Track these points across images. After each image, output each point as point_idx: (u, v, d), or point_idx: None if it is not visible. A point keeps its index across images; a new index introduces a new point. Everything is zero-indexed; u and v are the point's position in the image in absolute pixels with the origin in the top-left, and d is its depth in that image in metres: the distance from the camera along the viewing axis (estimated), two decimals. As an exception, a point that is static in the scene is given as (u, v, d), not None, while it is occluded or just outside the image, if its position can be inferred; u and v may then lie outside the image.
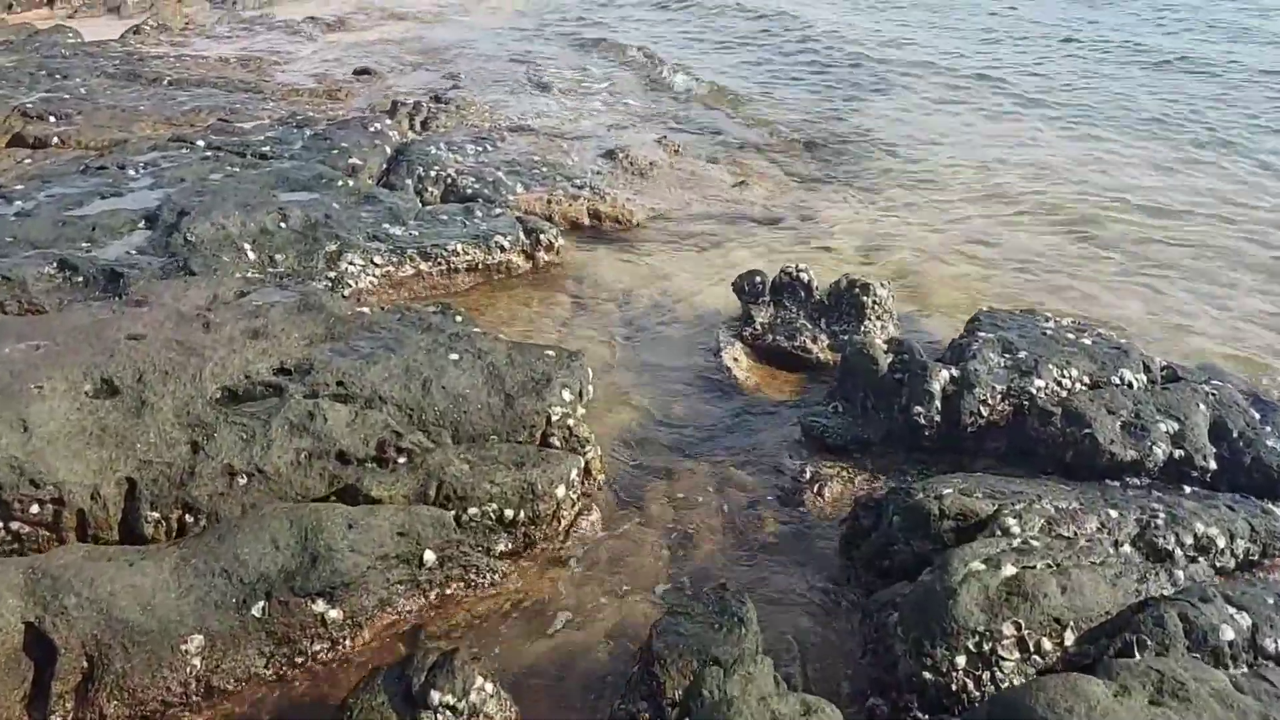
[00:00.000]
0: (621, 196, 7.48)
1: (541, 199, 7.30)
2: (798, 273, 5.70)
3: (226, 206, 5.99)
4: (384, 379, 4.33)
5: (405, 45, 12.30)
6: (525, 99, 10.02)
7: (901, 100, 10.36)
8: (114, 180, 6.50)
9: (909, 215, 7.58)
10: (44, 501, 3.72)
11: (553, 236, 6.61)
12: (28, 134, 7.84)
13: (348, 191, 6.71)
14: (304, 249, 5.97)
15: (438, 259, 6.22)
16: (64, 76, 9.30)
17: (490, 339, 4.79)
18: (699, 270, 6.74)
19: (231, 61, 10.92)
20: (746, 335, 5.52)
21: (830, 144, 9.02)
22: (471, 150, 7.98)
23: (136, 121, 8.41)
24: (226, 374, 4.25)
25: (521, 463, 4.04)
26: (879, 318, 5.51)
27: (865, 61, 11.56)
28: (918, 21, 13.62)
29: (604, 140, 8.77)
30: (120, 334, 4.39)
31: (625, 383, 5.21)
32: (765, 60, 11.67)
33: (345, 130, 7.95)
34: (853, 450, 4.56)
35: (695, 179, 8.07)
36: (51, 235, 5.66)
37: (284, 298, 4.92)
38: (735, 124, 9.55)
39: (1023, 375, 4.56)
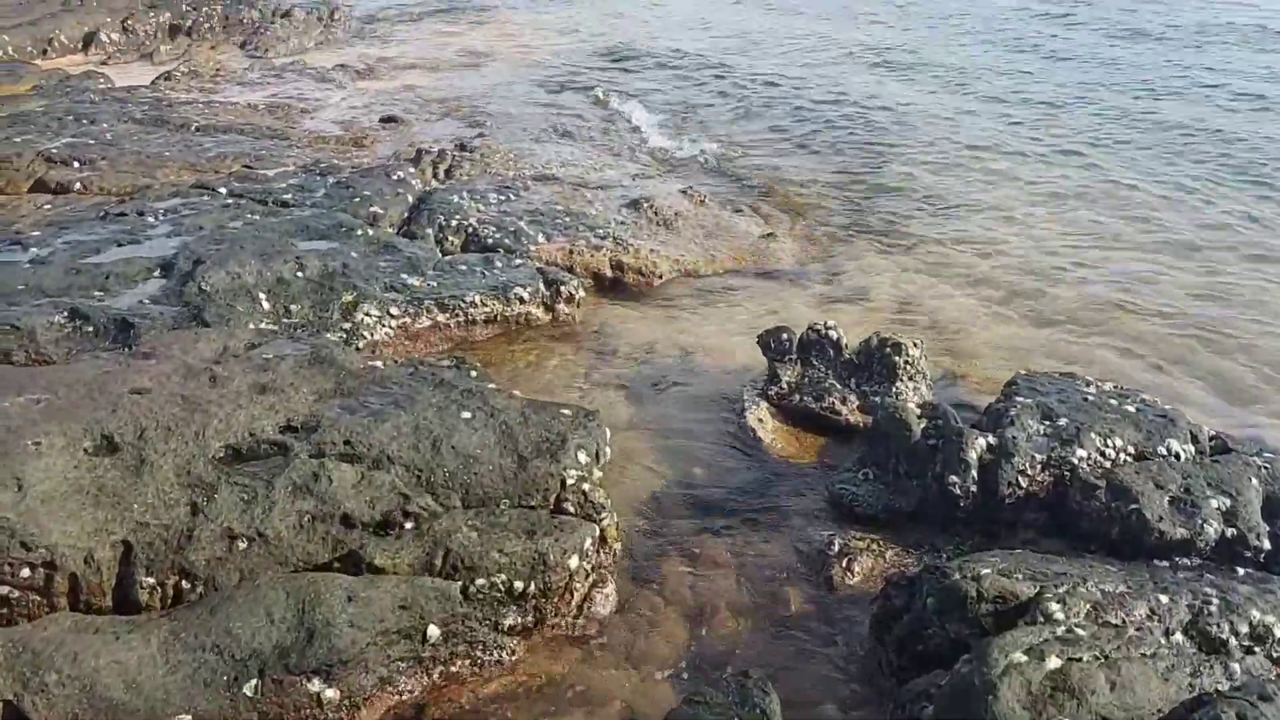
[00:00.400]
0: (645, 247, 7.33)
1: (563, 249, 7.16)
2: (826, 330, 5.51)
3: (243, 255, 5.89)
4: (392, 438, 4.16)
5: (433, 94, 12.30)
6: (550, 147, 9.95)
7: (935, 152, 10.18)
8: (132, 227, 6.43)
9: (943, 270, 7.37)
10: (35, 565, 3.55)
11: (573, 288, 6.46)
12: (50, 179, 7.81)
13: (367, 241, 6.60)
14: (320, 299, 5.85)
15: (455, 310, 6.08)
16: (91, 122, 9.31)
17: (504, 396, 4.62)
18: (724, 325, 6.57)
19: (260, 108, 10.94)
20: (772, 395, 5.32)
21: (861, 197, 8.86)
22: (494, 199, 7.88)
23: (161, 167, 8.38)
24: (230, 431, 4.10)
25: (533, 530, 3.84)
26: (911, 378, 5.30)
27: (896, 116, 11.41)
28: (948, 76, 13.49)
29: (628, 190, 8.66)
30: (124, 388, 4.25)
31: (645, 443, 5.02)
32: (794, 113, 11.55)
33: (368, 178, 7.87)
34: (884, 520, 4.34)
35: (721, 230, 7.92)
36: (65, 283, 5.56)
37: (295, 350, 4.77)
38: (762, 175, 9.41)
39: (1064, 444, 4.34)
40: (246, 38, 15.21)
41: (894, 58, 14.49)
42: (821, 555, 4.11)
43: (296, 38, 15.33)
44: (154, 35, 15.03)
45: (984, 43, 15.46)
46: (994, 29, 16.51)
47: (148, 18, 15.25)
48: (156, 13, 15.52)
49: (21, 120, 9.22)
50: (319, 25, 16.35)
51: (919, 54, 14.64)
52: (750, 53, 14.76)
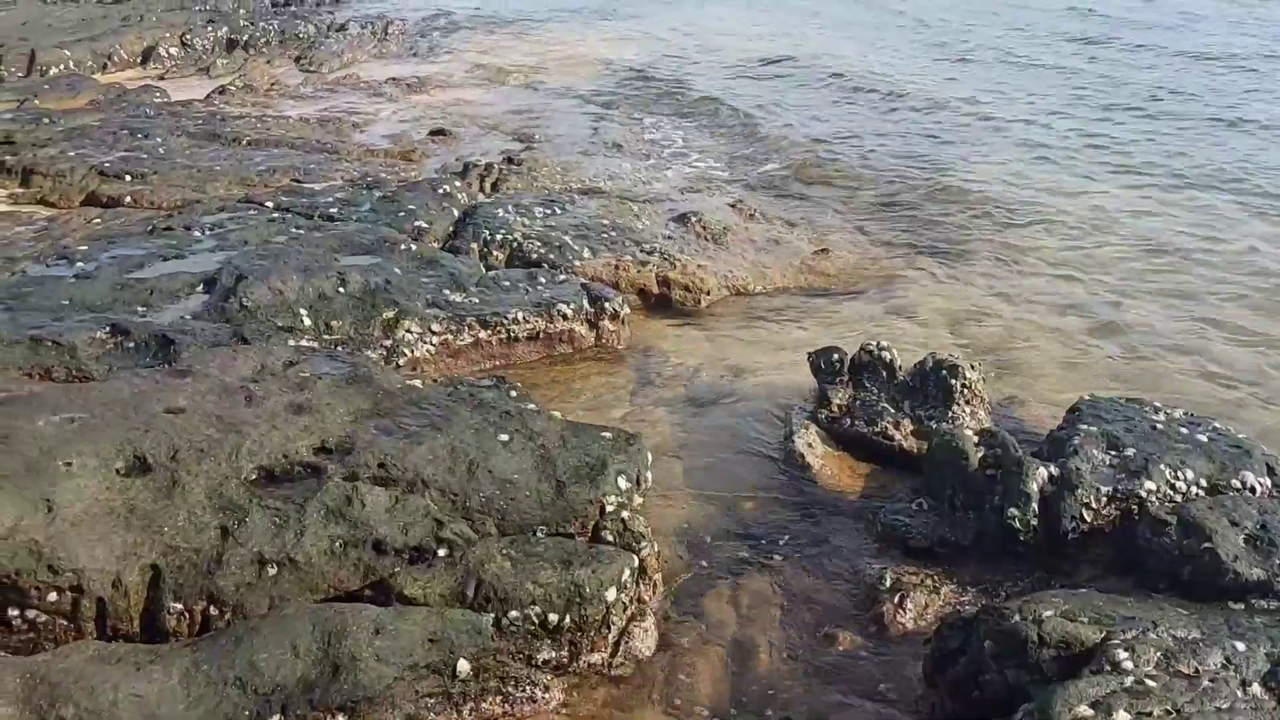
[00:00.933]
0: (693, 263, 7.18)
1: (609, 265, 7.04)
2: (879, 351, 5.30)
3: (286, 270, 5.84)
4: (428, 461, 4.05)
5: (483, 107, 12.30)
6: (598, 160, 9.85)
7: (993, 162, 9.91)
8: (178, 242, 6.42)
9: (1002, 286, 7.12)
10: (62, 589, 3.50)
11: (617, 305, 6.32)
12: (102, 193, 7.88)
13: (410, 256, 6.53)
14: (361, 315, 5.78)
15: (497, 327, 5.97)
16: (145, 136, 9.40)
17: (544, 418, 4.49)
18: (773, 343, 6.38)
19: (311, 122, 10.99)
20: (822, 418, 5.13)
21: (918, 208, 8.63)
22: (540, 213, 7.78)
23: (211, 181, 8.42)
24: (264, 452, 4.01)
25: (569, 561, 3.70)
26: (969, 402, 5.08)
27: (956, 122, 11.15)
28: (1011, 79, 13.17)
29: (676, 203, 8.52)
30: (159, 407, 4.19)
31: (688, 468, 4.85)
32: (851, 123, 11.33)
33: (414, 192, 7.82)
34: (938, 554, 4.13)
35: (772, 245, 7.75)
36: (108, 298, 5.56)
37: (333, 369, 4.69)
38: (816, 187, 9.21)
39: (1131, 476, 4.10)
40: (302, 52, 15.36)
41: (953, 65, 14.20)
42: (872, 591, 3.91)
43: (350, 52, 15.45)
44: (211, 50, 15.24)
45: (1046, 45, 15.10)
46: (1059, 32, 16.14)
47: (205, 32, 15.48)
48: (214, 27, 15.76)
49: (78, 134, 9.33)
50: (373, 40, 16.51)
51: (980, 60, 14.33)
52: (803, 61, 14.56)
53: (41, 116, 9.90)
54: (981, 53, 14.96)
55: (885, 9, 19.11)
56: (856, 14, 18.69)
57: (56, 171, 8.18)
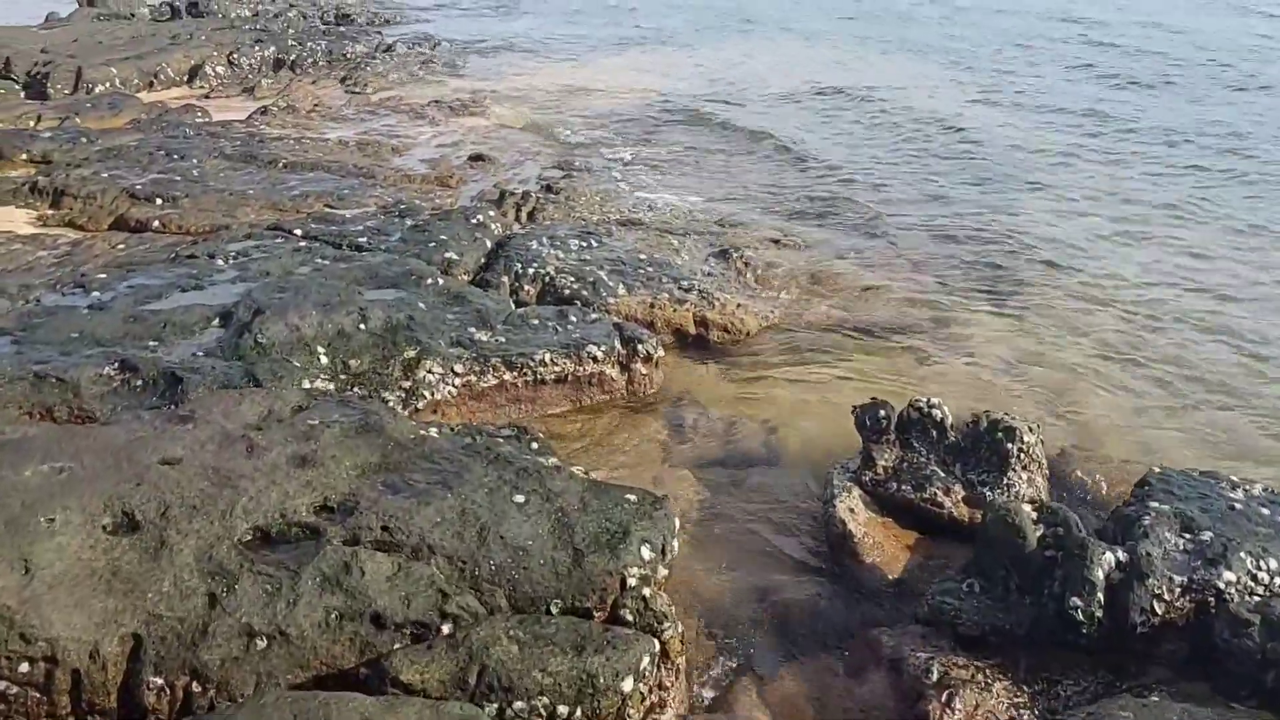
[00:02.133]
0: (733, 302, 6.85)
1: (644, 303, 6.72)
2: (929, 408, 4.92)
3: (305, 305, 5.60)
4: (435, 524, 3.76)
5: (524, 130, 12.09)
6: (639, 189, 9.56)
7: (1051, 198, 9.47)
8: (199, 271, 6.22)
9: (1062, 334, 6.70)
10: (35, 660, 3.24)
11: (651, 347, 6.01)
12: (130, 217, 7.73)
13: (437, 291, 6.27)
14: (381, 354, 5.52)
15: (523, 369, 5.68)
16: (180, 157, 9.28)
17: (564, 476, 4.18)
18: (816, 392, 6.03)
19: (350, 145, 10.83)
20: (866, 481, 4.76)
21: (970, 245, 8.21)
22: (575, 245, 7.50)
23: (242, 206, 8.24)
24: (261, 511, 3.74)
25: (582, 646, 3.37)
26: (1025, 468, 4.68)
27: (1014, 158, 10.70)
28: (1066, 115, 12.71)
29: (718, 236, 8.19)
30: (154, 457, 3.95)
31: (719, 533, 4.51)
32: (901, 157, 10.94)
33: (446, 222, 7.58)
34: (991, 643, 3.74)
35: (817, 282, 7.39)
36: (120, 331, 5.34)
37: (343, 416, 4.42)
38: (864, 220, 8.83)
39: (1208, 564, 3.69)
40: (347, 73, 15.28)
41: (1005, 96, 13.77)
42: (916, 685, 3.53)
43: (396, 73, 15.35)
44: (258, 69, 15.22)
45: (1101, 80, 14.61)
46: (1110, 67, 15.64)
47: (253, 52, 15.47)
48: (262, 47, 15.75)
49: (113, 155, 9.24)
50: (419, 61, 16.40)
51: (1035, 93, 13.88)
52: (853, 93, 14.19)
53: (80, 136, 9.83)
54: (1033, 89, 14.48)
55: (930, 41, 18.71)
56: (901, 44, 18.30)
57: (87, 193, 8.05)
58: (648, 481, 5.02)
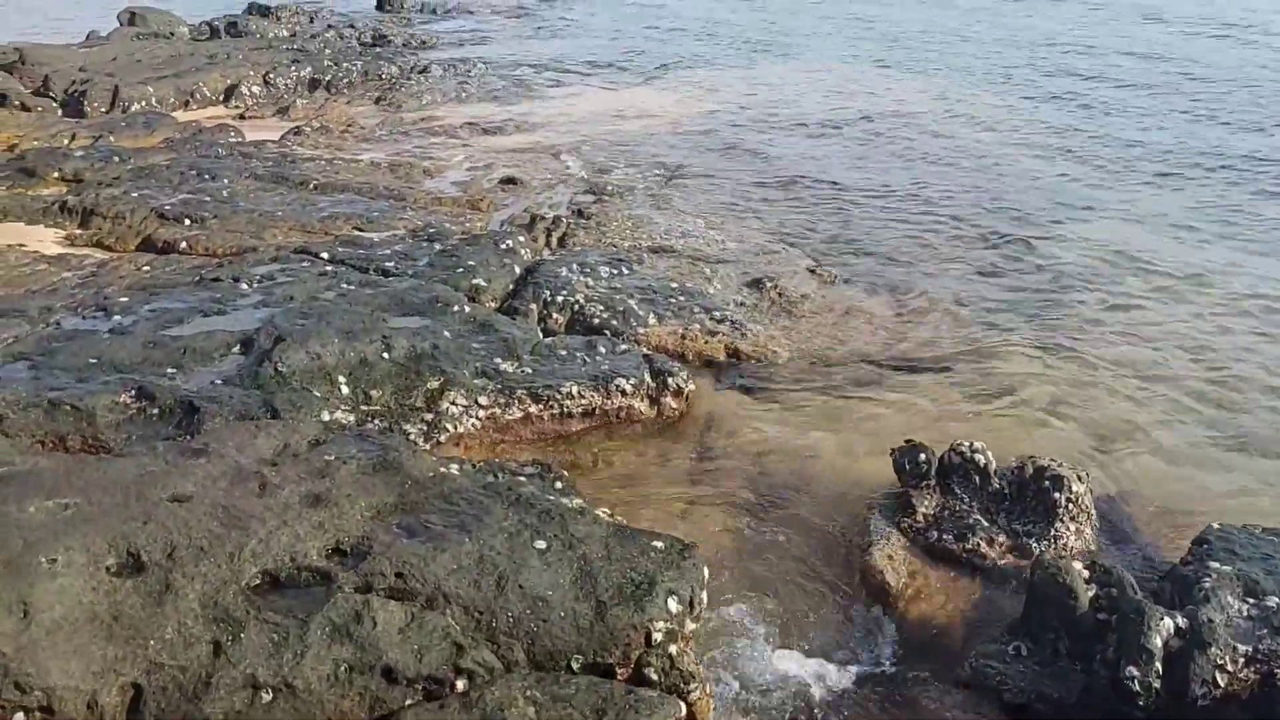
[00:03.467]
0: (765, 333, 6.66)
1: (675, 333, 6.55)
2: (971, 453, 4.70)
3: (328, 332, 5.47)
4: (451, 571, 3.58)
5: (558, 153, 11.96)
6: (672, 215, 9.39)
7: (1096, 228, 9.18)
8: (223, 295, 6.12)
9: (1109, 371, 6.42)
10: (30, 710, 3.10)
11: (682, 380, 5.82)
12: (158, 237, 7.66)
13: (463, 318, 6.13)
14: (403, 384, 5.38)
15: (550, 402, 5.51)
16: (211, 177, 9.23)
17: (588, 520, 4.00)
18: (852, 427, 5.81)
19: (382, 166, 10.76)
20: (906, 528, 4.54)
21: (1013, 278, 7.95)
22: (605, 273, 7.34)
23: (270, 227, 8.16)
24: (270, 554, 3.59)
25: (603, 710, 3.18)
26: (1073, 519, 4.45)
27: (1055, 190, 10.43)
28: (1105, 147, 12.40)
29: (752, 265, 8.00)
30: (164, 493, 3.81)
31: (751, 580, 4.31)
32: (942, 185, 10.69)
33: (475, 247, 7.45)
34: (1038, 710, 3.51)
35: (853, 313, 7.18)
36: (139, 357, 5.24)
37: (361, 451, 4.27)
38: (901, 251, 8.60)
39: (1275, 633, 3.44)
40: (382, 93, 15.27)
41: (1048, 130, 13.49)
42: (959, 758, 3.31)
43: (430, 94, 15.30)
44: (293, 89, 15.24)
45: (1151, 114, 14.28)
46: (1162, 99, 15.31)
47: (289, 72, 15.50)
48: (298, 67, 15.78)
49: (145, 174, 9.21)
50: (455, 82, 16.37)
51: (1075, 125, 13.59)
52: (891, 121, 13.98)
53: (113, 154, 9.82)
54: (1075, 114, 14.18)
55: (970, 64, 18.46)
56: (941, 68, 18.06)
57: (116, 213, 8.01)
58: (674, 516, 4.84)
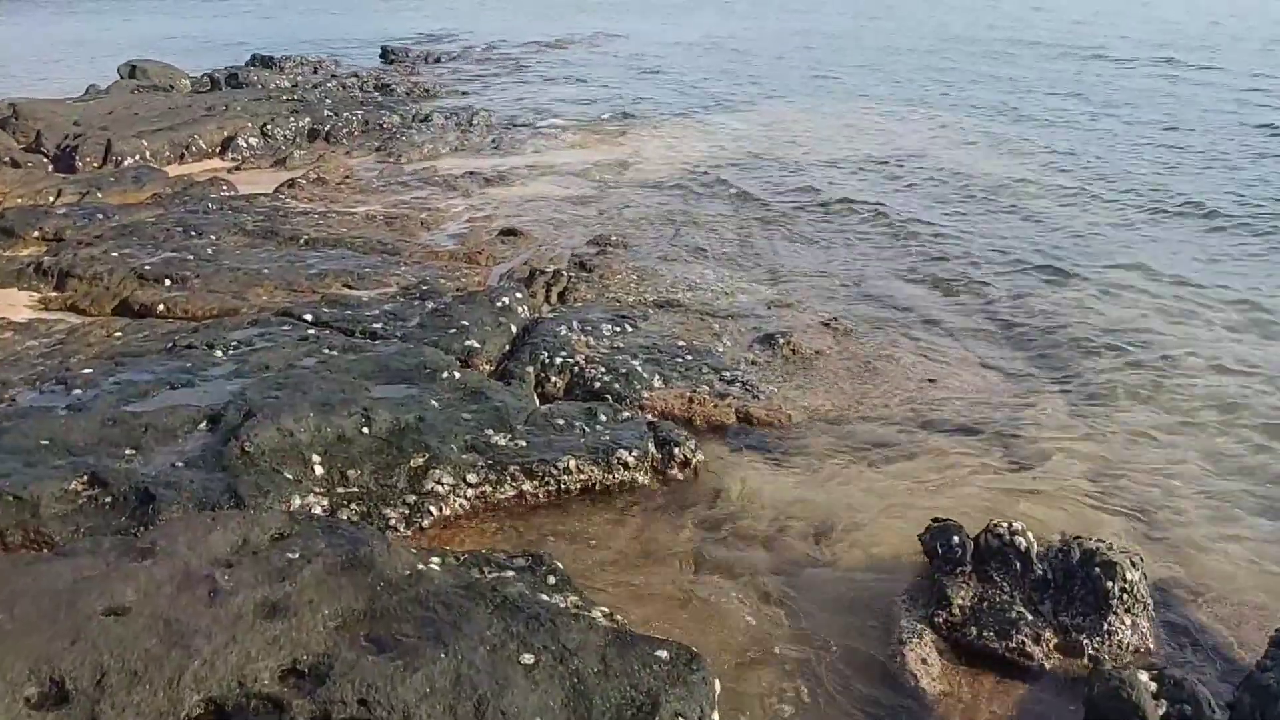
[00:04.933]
0: (779, 395, 6.21)
1: (681, 397, 6.10)
2: (1011, 536, 4.22)
3: (302, 406, 5.04)
4: (423, 696, 3.11)
5: (560, 204, 11.61)
6: (678, 266, 8.99)
7: (1131, 274, 8.71)
8: (194, 365, 5.71)
9: (1150, 437, 5.94)
10: None
11: (689, 451, 5.37)
12: (135, 300, 7.27)
13: (452, 385, 5.70)
14: (384, 462, 4.94)
15: (545, 478, 5.06)
16: (198, 234, 8.87)
17: (582, 626, 3.53)
18: (874, 498, 5.33)
19: (377, 219, 10.41)
20: (940, 623, 4.05)
21: (1043, 335, 7.45)
22: (607, 330, 6.92)
23: (254, 286, 7.77)
24: (216, 677, 3.12)
25: None
26: (1128, 611, 3.96)
27: (1086, 237, 9.97)
28: (1136, 188, 11.98)
29: (763, 320, 7.57)
30: (99, 604, 3.35)
31: (766, 687, 3.82)
32: (964, 231, 10.25)
33: (468, 305, 7.05)
34: None
35: (871, 372, 6.73)
36: (96, 437, 4.81)
37: (329, 546, 3.82)
38: (920, 299, 8.17)
39: (1385, 759, 2.94)
40: (382, 143, 15.00)
41: (1070, 167, 13.10)
42: None
43: (432, 143, 15.02)
44: (292, 140, 14.99)
45: (1177, 149, 13.88)
46: (1187, 134, 14.93)
47: (287, 122, 15.25)
48: (297, 118, 15.54)
49: (128, 232, 8.86)
50: (456, 130, 16.11)
51: (1103, 163, 13.19)
52: (900, 160, 13.62)
53: (97, 212, 9.49)
54: (1096, 154, 13.79)
55: (991, 99, 18.16)
56: (957, 103, 17.77)
57: (93, 274, 7.63)
58: (678, 607, 4.37)
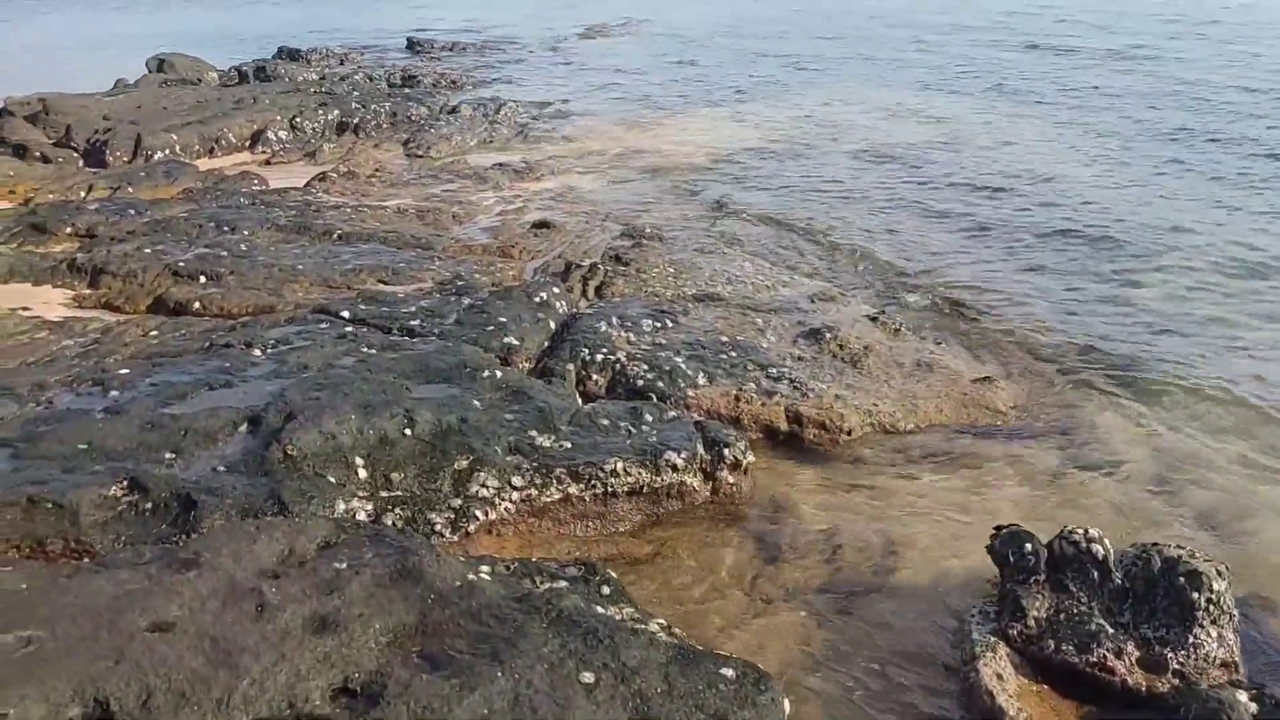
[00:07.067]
0: (829, 393, 6.02)
1: (728, 395, 5.92)
2: (1086, 543, 4.02)
3: (344, 407, 4.90)
4: (481, 718, 2.96)
5: (592, 196, 11.45)
6: (715, 259, 8.79)
7: (1182, 283, 8.42)
8: (233, 364, 5.57)
9: (1214, 439, 5.73)
10: None
11: (740, 452, 5.19)
12: (170, 297, 7.17)
13: (494, 385, 5.54)
14: (428, 465, 4.78)
15: (592, 481, 4.89)
16: (231, 229, 8.76)
17: (642, 642, 3.37)
18: (934, 506, 5.15)
19: (409, 213, 10.28)
20: (1014, 635, 3.86)
21: (1097, 328, 7.23)
22: (648, 326, 6.75)
23: (290, 283, 7.66)
24: (264, 699, 2.98)
25: None
26: (1214, 622, 3.75)
27: (1133, 227, 9.67)
28: (1198, 176, 11.66)
29: (806, 314, 7.37)
30: (143, 620, 3.22)
31: (829, 708, 3.64)
32: (1004, 222, 9.99)
33: (506, 300, 6.88)
34: None
35: (923, 370, 6.52)
36: (134, 441, 4.68)
37: (377, 556, 3.68)
38: (969, 290, 7.94)
39: None
40: (410, 135, 14.87)
41: (1129, 155, 12.77)
42: None
43: (460, 135, 14.87)
44: (321, 133, 14.89)
45: (1241, 143, 13.50)
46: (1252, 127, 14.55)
47: (316, 115, 15.15)
48: (325, 110, 15.43)
49: (161, 227, 8.77)
50: (484, 122, 15.95)
51: (1163, 153, 12.85)
52: (951, 147, 13.36)
53: (130, 207, 9.41)
54: (1172, 154, 13.38)
55: (1019, 87, 17.82)
56: (984, 89, 17.45)
57: (127, 271, 7.53)
58: (737, 623, 4.21)
